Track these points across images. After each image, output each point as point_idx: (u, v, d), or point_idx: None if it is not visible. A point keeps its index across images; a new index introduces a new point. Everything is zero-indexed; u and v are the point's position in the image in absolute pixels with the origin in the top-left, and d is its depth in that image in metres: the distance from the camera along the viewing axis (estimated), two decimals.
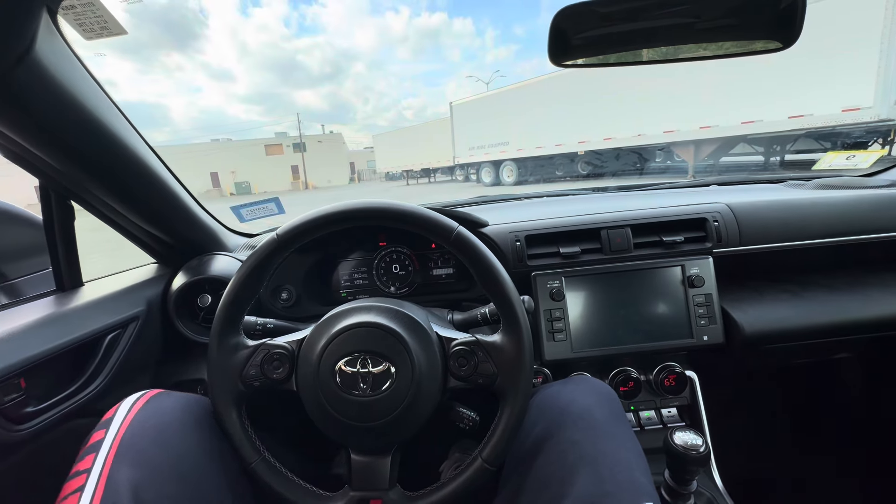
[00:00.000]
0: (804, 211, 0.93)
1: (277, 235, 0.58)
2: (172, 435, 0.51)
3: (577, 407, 0.58)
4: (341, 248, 0.99)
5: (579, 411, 0.57)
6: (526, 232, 0.90)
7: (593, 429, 0.54)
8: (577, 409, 0.57)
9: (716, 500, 0.77)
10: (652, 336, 0.86)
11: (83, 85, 0.56)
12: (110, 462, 0.46)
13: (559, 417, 0.57)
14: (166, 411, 0.54)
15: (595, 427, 0.54)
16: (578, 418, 0.56)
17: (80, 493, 0.44)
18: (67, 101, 0.53)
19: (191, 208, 0.86)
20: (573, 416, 0.56)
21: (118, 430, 0.49)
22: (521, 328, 0.57)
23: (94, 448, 0.48)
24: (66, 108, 0.54)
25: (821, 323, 0.85)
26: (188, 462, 0.50)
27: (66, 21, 0.51)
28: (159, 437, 0.50)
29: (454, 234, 0.58)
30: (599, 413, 0.57)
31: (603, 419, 0.56)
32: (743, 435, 1.12)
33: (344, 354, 0.56)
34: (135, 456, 0.47)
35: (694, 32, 0.70)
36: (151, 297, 0.83)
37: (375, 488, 0.57)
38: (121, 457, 0.47)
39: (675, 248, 0.88)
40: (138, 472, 0.46)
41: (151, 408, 0.53)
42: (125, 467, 0.46)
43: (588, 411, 0.57)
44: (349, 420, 0.56)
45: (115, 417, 0.51)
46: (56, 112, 0.53)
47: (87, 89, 0.57)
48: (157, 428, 0.51)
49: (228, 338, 0.59)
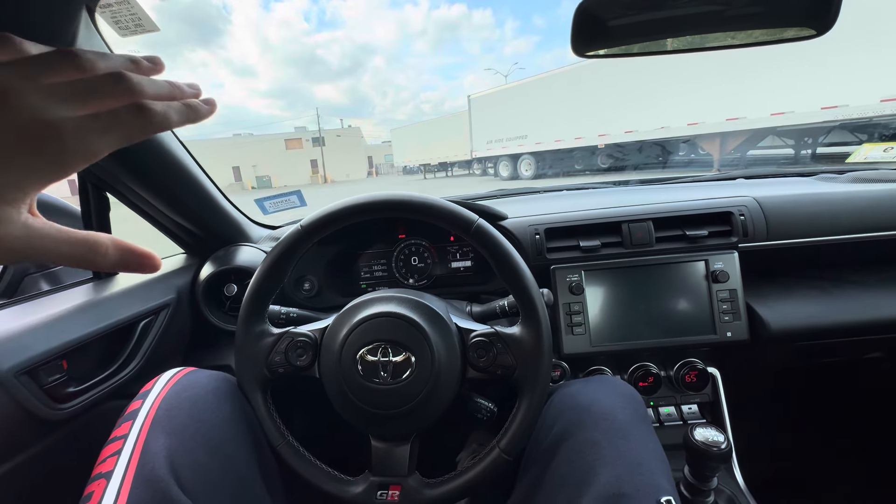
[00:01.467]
0: (836, 205, 0.89)
1: (302, 226, 0.60)
2: (205, 408, 0.53)
3: (599, 407, 0.57)
4: (362, 240, 1.01)
5: (601, 412, 0.56)
6: (546, 225, 0.89)
7: (614, 430, 0.53)
8: (600, 410, 0.56)
9: (737, 498, 0.76)
10: (673, 332, 0.85)
11: None
12: (147, 429, 0.48)
13: (579, 417, 0.56)
14: (200, 386, 0.56)
15: (616, 429, 0.53)
16: (600, 419, 0.55)
17: (117, 456, 0.46)
18: None
19: (218, 201, 0.89)
20: (594, 417, 0.55)
21: (154, 401, 0.52)
22: (540, 320, 0.57)
23: (132, 416, 0.50)
24: None
25: (852, 321, 0.82)
26: (219, 434, 0.53)
27: (103, 19, 0.53)
28: (193, 409, 0.52)
29: (474, 226, 0.58)
30: (622, 414, 0.56)
31: (625, 420, 0.55)
32: (766, 434, 1.10)
33: (365, 343, 0.57)
34: (170, 424, 0.49)
35: (723, 20, 0.68)
36: (181, 285, 0.86)
37: (395, 474, 0.59)
38: (157, 425, 0.49)
39: (698, 243, 0.86)
40: (173, 439, 0.48)
41: (186, 382, 0.56)
42: (161, 435, 0.48)
43: (610, 412, 0.56)
44: (370, 407, 0.57)
45: (152, 390, 0.54)
46: None
47: None
48: (191, 400, 0.53)
49: (254, 325, 0.61)
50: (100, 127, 0.23)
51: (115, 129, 0.24)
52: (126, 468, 0.45)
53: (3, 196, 0.22)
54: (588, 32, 0.67)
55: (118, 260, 0.27)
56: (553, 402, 0.61)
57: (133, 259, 0.28)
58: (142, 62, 0.28)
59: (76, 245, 0.25)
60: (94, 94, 0.24)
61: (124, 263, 0.27)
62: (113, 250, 0.26)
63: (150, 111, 0.25)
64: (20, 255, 0.24)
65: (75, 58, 0.24)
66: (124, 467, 0.45)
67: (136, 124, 0.24)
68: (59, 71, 0.23)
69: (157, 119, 0.25)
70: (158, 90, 0.26)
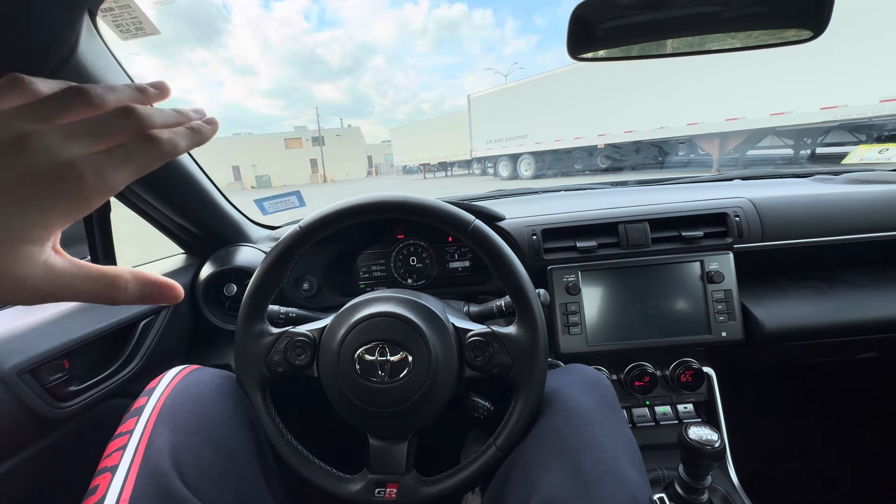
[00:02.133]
0: (831, 206, 0.90)
1: (301, 227, 0.61)
2: (209, 405, 0.54)
3: (561, 395, 0.57)
4: (360, 240, 1.01)
5: (563, 399, 0.56)
6: (542, 226, 0.90)
7: (577, 417, 0.52)
8: (562, 397, 0.56)
9: (731, 497, 0.77)
10: (669, 331, 0.86)
11: (118, 79, 0.59)
12: (151, 425, 0.49)
13: (541, 405, 0.56)
14: (204, 383, 0.57)
15: (579, 415, 0.53)
16: (561, 405, 0.55)
17: (122, 450, 0.47)
18: None
19: (218, 202, 0.89)
20: (556, 404, 0.55)
21: (160, 397, 0.53)
22: (536, 320, 0.58)
23: (137, 412, 0.51)
24: None
25: (845, 321, 0.83)
26: (222, 431, 0.53)
27: (105, 22, 0.53)
28: (197, 405, 0.53)
29: (471, 227, 0.59)
30: (585, 400, 0.55)
31: (589, 407, 0.54)
32: (761, 433, 1.11)
33: (363, 343, 0.58)
34: (174, 420, 0.50)
35: (720, 22, 0.69)
36: (181, 285, 0.87)
37: (392, 472, 0.59)
38: (161, 420, 0.50)
39: (694, 244, 0.87)
40: (177, 435, 0.49)
41: (191, 379, 0.57)
42: (165, 430, 0.49)
43: (573, 398, 0.55)
44: (367, 406, 0.58)
45: (157, 387, 0.55)
46: None
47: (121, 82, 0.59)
48: (195, 397, 0.54)
49: (254, 325, 0.62)
50: (115, 162, 0.24)
51: (129, 162, 0.25)
52: (131, 462, 0.46)
53: (28, 237, 0.23)
54: (584, 35, 0.68)
55: (139, 294, 0.28)
56: None
57: (154, 291, 0.28)
58: (148, 90, 0.29)
59: (96, 281, 0.26)
60: (108, 131, 0.25)
61: (145, 297, 0.28)
62: (133, 284, 0.27)
63: (160, 141, 0.26)
64: (44, 296, 0.24)
65: (86, 95, 0.25)
66: (129, 461, 0.46)
67: (148, 155, 0.26)
68: (71, 110, 0.24)
69: (167, 147, 0.26)
70: (166, 120, 0.27)
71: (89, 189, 0.23)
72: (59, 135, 0.23)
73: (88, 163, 0.23)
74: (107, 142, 0.25)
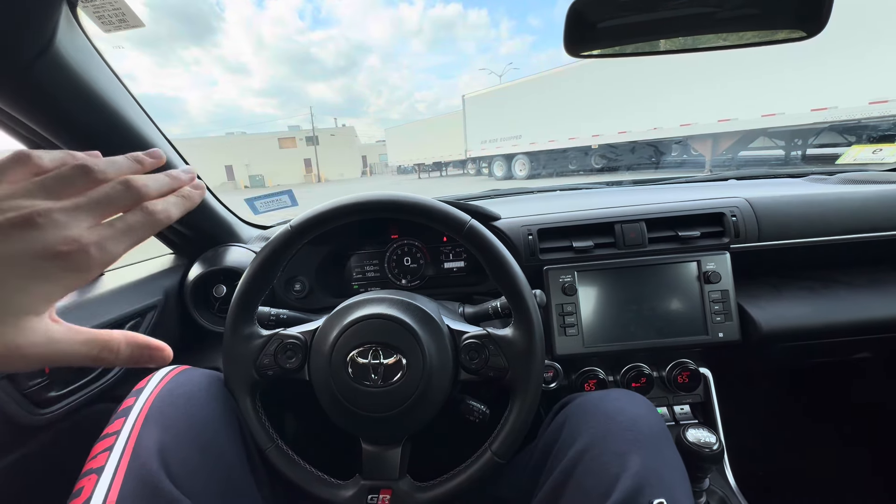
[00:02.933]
0: (827, 206, 0.90)
1: (291, 226, 0.59)
2: (197, 406, 0.53)
3: (624, 417, 0.56)
4: (354, 240, 1.00)
5: (627, 422, 0.55)
6: (539, 225, 0.89)
7: (639, 441, 0.52)
8: (624, 420, 0.55)
9: (728, 499, 0.76)
10: (665, 332, 0.85)
11: (102, 78, 0.57)
12: (139, 425, 0.49)
13: (606, 426, 0.55)
14: (193, 384, 0.56)
15: (641, 440, 0.53)
16: (626, 429, 0.54)
17: (108, 451, 0.46)
18: (87, 93, 0.54)
19: (207, 201, 0.87)
20: (620, 427, 0.55)
21: (147, 398, 0.52)
22: (533, 322, 0.57)
23: (124, 413, 0.50)
24: (85, 100, 0.55)
25: (841, 321, 0.83)
26: (211, 431, 0.53)
27: (86, 14, 0.51)
28: (186, 406, 0.52)
29: (466, 226, 0.57)
30: (646, 425, 0.55)
31: (650, 433, 0.54)
32: (757, 434, 1.11)
33: (356, 345, 0.56)
34: (162, 421, 0.49)
35: (715, 22, 0.68)
36: (168, 287, 0.85)
37: (386, 478, 0.58)
38: (149, 421, 0.49)
39: (690, 244, 0.86)
40: (165, 434, 0.48)
41: (180, 380, 0.56)
42: (153, 430, 0.48)
43: (635, 423, 0.55)
44: (360, 410, 0.57)
45: (146, 387, 0.54)
46: (76, 104, 0.54)
47: (105, 82, 0.58)
48: (184, 397, 0.53)
49: (243, 327, 0.60)
50: (117, 235, 0.26)
51: (129, 234, 0.27)
52: (118, 463, 0.45)
53: (31, 310, 0.24)
54: (580, 33, 0.67)
55: (130, 356, 0.29)
56: (574, 411, 0.60)
57: (145, 353, 0.30)
58: (146, 160, 0.31)
59: (90, 345, 0.27)
60: (109, 206, 0.26)
61: (136, 359, 0.30)
62: (125, 347, 0.29)
63: (155, 212, 0.28)
64: (40, 362, 0.26)
65: (91, 172, 0.27)
66: (116, 462, 0.45)
67: (145, 227, 0.28)
68: (76, 185, 0.26)
69: (162, 217, 0.29)
70: (161, 187, 0.30)
71: (92, 262, 0.25)
72: (66, 211, 0.25)
73: (92, 237, 0.25)
74: (108, 215, 0.26)
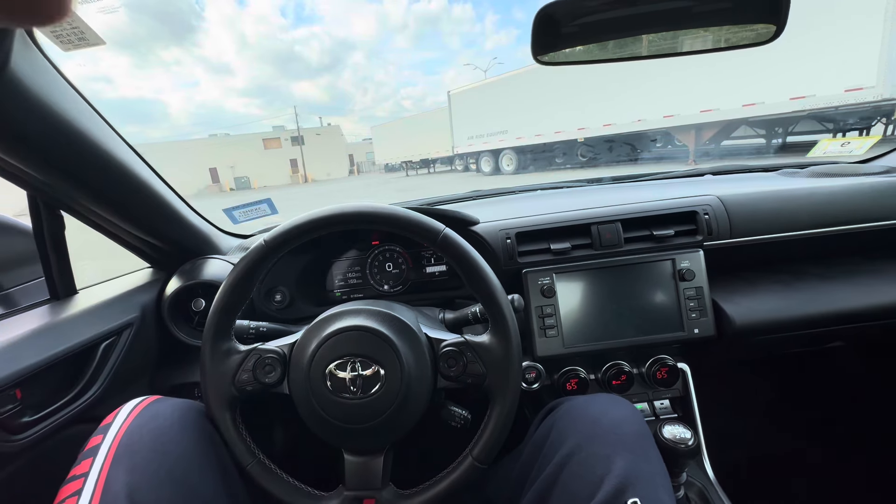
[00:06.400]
0: (797, 201, 0.92)
1: (266, 241, 0.59)
2: (169, 440, 0.52)
3: (608, 420, 0.58)
4: (335, 247, 0.99)
5: (611, 425, 0.57)
6: (516, 229, 0.90)
7: (623, 443, 0.54)
8: (609, 423, 0.57)
9: (706, 491, 0.78)
10: (644, 330, 0.87)
11: (62, 96, 0.56)
12: (108, 466, 0.47)
13: (590, 429, 0.57)
14: (163, 417, 0.55)
15: (625, 442, 0.54)
16: (610, 432, 0.56)
17: (77, 496, 0.45)
18: (47, 113, 0.53)
19: (180, 212, 0.86)
20: (604, 430, 0.56)
21: (115, 435, 0.50)
22: (509, 328, 0.58)
23: (92, 452, 0.49)
24: (45, 120, 0.54)
25: (813, 313, 0.85)
26: (183, 466, 0.51)
27: (42, 33, 0.50)
28: (156, 442, 0.51)
29: (440, 236, 0.58)
30: (629, 428, 0.57)
31: (633, 435, 0.56)
32: (735, 425, 1.13)
33: (334, 358, 0.57)
34: (131, 460, 0.48)
35: (687, 17, 0.69)
36: (146, 302, 0.84)
37: (369, 488, 0.59)
38: (118, 461, 0.48)
39: (665, 242, 0.88)
40: (135, 476, 0.47)
41: (149, 413, 0.54)
42: (122, 472, 0.47)
43: (619, 425, 0.57)
44: (341, 422, 0.57)
45: (112, 423, 0.52)
46: (36, 125, 0.53)
47: (66, 101, 0.56)
48: (153, 433, 0.52)
49: (220, 344, 0.60)
50: None
51: None
52: None
53: None
54: (549, 37, 0.67)
55: None
56: (561, 415, 0.62)
57: None
58: None
59: None
60: None
61: None
62: None
63: None
64: None
65: None
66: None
67: None
68: None
69: None
70: None
71: None
72: None
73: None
74: None
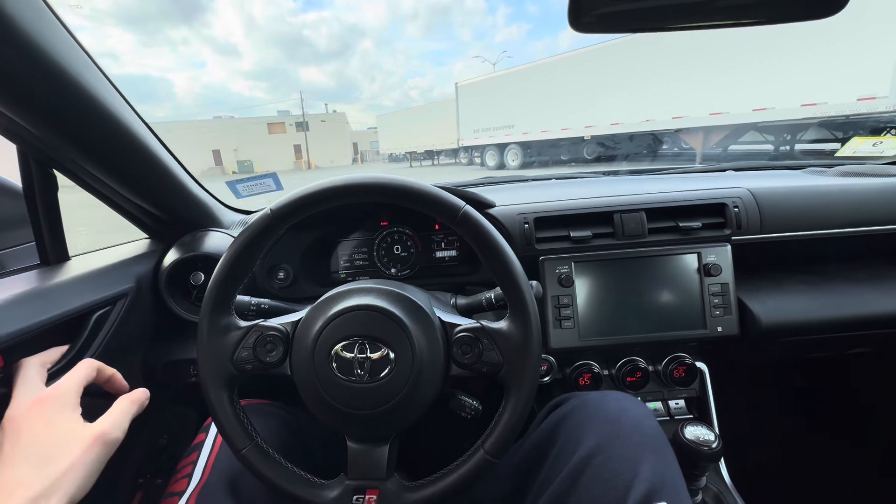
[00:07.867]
0: (829, 198, 0.88)
1: (271, 210, 0.55)
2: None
3: (629, 419, 0.56)
4: (341, 227, 0.95)
5: (632, 424, 0.55)
6: (535, 214, 0.86)
7: (647, 445, 0.53)
8: (630, 422, 0.55)
9: (723, 495, 0.75)
10: (663, 326, 0.83)
11: (58, 41, 0.51)
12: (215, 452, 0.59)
13: (610, 429, 0.55)
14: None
15: (648, 444, 0.53)
16: (633, 432, 0.54)
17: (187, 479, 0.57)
18: (38, 54, 0.49)
19: (183, 182, 0.82)
20: (626, 430, 0.54)
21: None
22: (530, 315, 0.54)
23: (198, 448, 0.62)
24: (37, 62, 0.49)
25: (840, 316, 0.82)
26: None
27: None
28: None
29: (461, 212, 0.54)
30: (650, 428, 0.55)
31: (654, 436, 0.54)
32: (752, 429, 1.10)
33: (341, 338, 0.53)
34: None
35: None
36: (142, 273, 0.80)
37: (372, 477, 0.55)
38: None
39: (691, 235, 0.84)
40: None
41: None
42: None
43: (639, 424, 0.55)
44: (345, 407, 0.53)
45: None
46: (26, 66, 0.49)
47: (63, 47, 0.52)
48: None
49: (219, 318, 0.56)
50: None
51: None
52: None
53: None
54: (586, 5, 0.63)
55: None
56: (571, 412, 0.60)
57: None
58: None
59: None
60: None
61: None
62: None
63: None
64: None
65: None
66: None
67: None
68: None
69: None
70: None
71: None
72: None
73: None
74: None
